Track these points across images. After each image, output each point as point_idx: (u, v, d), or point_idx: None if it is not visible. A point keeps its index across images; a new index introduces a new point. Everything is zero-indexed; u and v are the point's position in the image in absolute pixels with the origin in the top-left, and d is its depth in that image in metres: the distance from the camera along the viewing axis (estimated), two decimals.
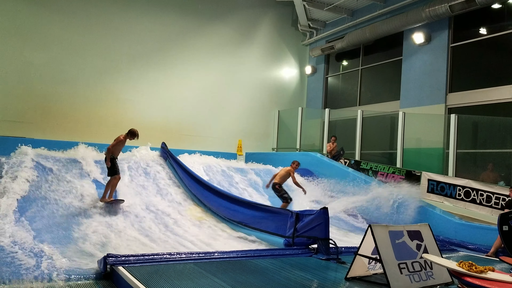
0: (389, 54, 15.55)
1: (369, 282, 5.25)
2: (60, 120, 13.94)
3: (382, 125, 14.87)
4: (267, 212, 8.30)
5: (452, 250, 8.35)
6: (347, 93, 17.41)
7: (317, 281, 5.35)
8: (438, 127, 12.58)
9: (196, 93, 16.39)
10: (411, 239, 5.38)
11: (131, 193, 9.66)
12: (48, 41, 13.94)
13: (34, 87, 13.68)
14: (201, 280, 4.97)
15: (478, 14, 12.48)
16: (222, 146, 16.28)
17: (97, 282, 5.20)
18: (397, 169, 12.29)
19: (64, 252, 6.28)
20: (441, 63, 13.33)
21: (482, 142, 12.14)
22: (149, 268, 5.36)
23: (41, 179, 9.19)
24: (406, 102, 14.20)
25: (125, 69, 15.17)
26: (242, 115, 17.34)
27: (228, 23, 17.16)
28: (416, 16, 13.47)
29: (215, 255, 6.22)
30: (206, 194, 9.83)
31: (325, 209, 7.13)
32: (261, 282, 5.04)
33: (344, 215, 10.95)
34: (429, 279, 5.17)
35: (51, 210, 8.20)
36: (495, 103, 11.96)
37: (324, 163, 13.18)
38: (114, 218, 8.33)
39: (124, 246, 6.88)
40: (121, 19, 15.15)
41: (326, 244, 6.84)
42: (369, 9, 15.70)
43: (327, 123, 15.63)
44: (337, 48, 16.80)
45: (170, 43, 16.01)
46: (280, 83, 18.46)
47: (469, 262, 5.27)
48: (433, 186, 11.18)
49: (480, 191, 10.18)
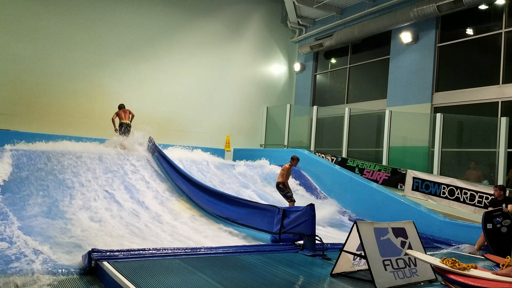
0: (377, 53, 15.65)
1: (354, 278, 5.29)
2: (46, 113, 13.75)
3: (369, 123, 14.96)
4: (254, 208, 8.30)
5: (436, 247, 8.47)
6: (335, 90, 17.49)
7: (302, 277, 5.38)
8: (424, 125, 12.72)
9: (184, 88, 16.31)
10: (396, 236, 5.44)
11: (117, 188, 9.60)
12: (35, 33, 13.73)
13: (20, 79, 13.47)
14: (187, 276, 4.97)
15: (466, 14, 12.62)
16: (210, 142, 16.24)
17: (81, 277, 5.14)
18: (383, 166, 12.40)
19: (47, 246, 6.19)
20: (428, 62, 13.46)
21: (467, 141, 12.31)
22: (135, 263, 5.33)
23: (24, 170, 9.08)
24: (393, 101, 14.32)
25: (113, 62, 15.02)
26: (230, 111, 17.31)
27: (218, 18, 17.08)
28: (404, 16, 13.57)
29: (202, 251, 6.21)
30: (192, 189, 9.80)
31: (311, 205, 7.17)
32: (247, 277, 5.05)
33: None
34: (413, 276, 5.23)
35: (34, 202, 8.10)
36: (480, 103, 12.13)
37: (311, 160, 13.25)
38: (100, 213, 8.27)
39: (109, 241, 6.83)
40: (110, 12, 14.98)
41: (312, 240, 6.88)
42: (358, 8, 15.77)
43: (315, 120, 15.69)
44: (325, 45, 16.86)
45: (159, 37, 15.89)
46: (269, 79, 18.46)
47: (452, 259, 5.36)
48: (418, 184, 11.30)
49: (464, 189, 10.33)
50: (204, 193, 9.45)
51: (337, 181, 12.09)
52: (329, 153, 14.15)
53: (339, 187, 11.93)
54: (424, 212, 9.77)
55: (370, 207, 10.89)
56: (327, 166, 12.74)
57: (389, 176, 12.06)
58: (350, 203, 11.43)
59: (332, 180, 12.27)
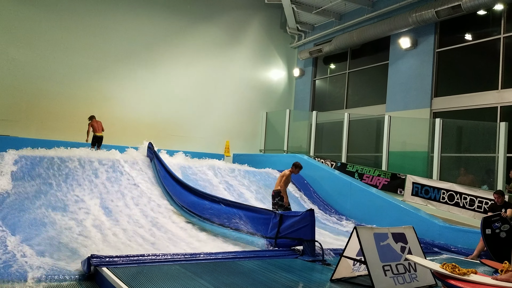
0: (376, 58, 15.70)
1: (354, 283, 5.28)
2: (45, 119, 13.75)
3: (368, 128, 14.98)
4: (250, 211, 8.17)
5: (435, 252, 8.45)
6: (334, 96, 17.52)
7: (302, 282, 5.36)
8: (423, 131, 12.73)
9: (183, 93, 16.34)
10: (396, 241, 5.43)
11: (114, 194, 9.58)
12: (34, 38, 13.76)
13: (19, 85, 13.49)
14: (186, 282, 4.95)
15: (464, 20, 12.67)
16: (209, 147, 16.25)
17: (80, 283, 5.13)
18: (383, 171, 12.40)
19: (46, 252, 6.17)
20: (427, 67, 13.50)
21: (466, 146, 12.32)
22: (134, 269, 5.32)
23: (23, 176, 9.07)
24: (392, 106, 14.34)
25: (112, 67, 15.04)
26: (229, 116, 17.32)
27: (217, 24, 17.14)
28: (403, 21, 13.62)
29: (201, 256, 6.20)
30: (187, 196, 9.55)
31: (311, 211, 7.15)
32: (246, 283, 5.03)
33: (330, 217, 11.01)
34: (413, 281, 5.22)
35: (32, 208, 8.08)
36: (480, 108, 12.15)
37: (311, 165, 13.23)
38: (98, 219, 8.24)
39: (109, 247, 6.81)
40: (109, 17, 15.03)
41: (312, 246, 6.86)
42: (357, 13, 15.84)
43: (315, 126, 15.71)
44: (325, 51, 16.91)
45: (158, 42, 15.93)
46: (268, 85, 18.49)
47: (452, 264, 5.34)
48: (417, 189, 11.30)
49: (463, 194, 10.32)
50: (200, 198, 9.16)
51: (337, 186, 12.07)
52: (329, 158, 14.15)
53: (338, 192, 11.91)
54: (423, 217, 9.76)
55: (369, 212, 10.87)
56: (327, 171, 12.73)
57: (389, 181, 12.05)
58: (350, 208, 11.42)
59: (332, 185, 12.26)
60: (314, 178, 12.78)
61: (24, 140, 11.73)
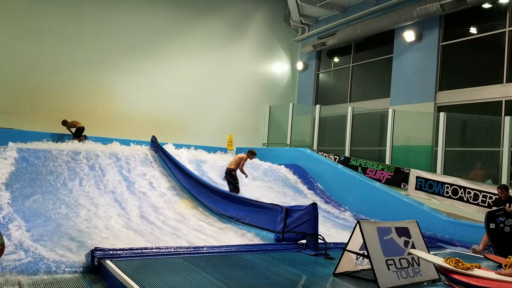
0: (380, 52, 15.60)
1: (357, 278, 5.28)
2: (49, 112, 13.78)
3: (372, 122, 14.93)
4: (257, 207, 8.29)
5: (439, 247, 8.44)
6: (338, 89, 17.45)
7: (305, 276, 5.37)
8: (427, 125, 12.68)
9: (187, 86, 16.32)
10: (399, 235, 5.42)
11: (120, 186, 9.61)
12: (39, 32, 13.77)
13: (23, 78, 13.51)
14: (190, 275, 4.96)
15: (469, 13, 12.57)
16: (212, 141, 16.24)
17: (84, 275, 5.15)
18: (386, 166, 12.37)
19: (50, 244, 6.21)
20: (431, 61, 13.41)
21: (470, 141, 12.26)
22: (137, 262, 5.33)
23: (25, 169, 9.11)
24: (396, 100, 14.28)
25: (115, 61, 15.03)
26: (232, 109, 17.30)
27: (221, 17, 17.07)
28: (408, 14, 13.52)
29: (204, 250, 6.21)
30: (196, 188, 9.79)
31: (314, 204, 7.15)
32: (249, 277, 5.04)
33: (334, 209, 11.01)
34: (416, 276, 5.21)
35: (37, 200, 8.12)
36: (484, 102, 12.08)
37: (313, 159, 13.23)
38: (102, 211, 8.28)
39: (112, 240, 6.83)
40: (113, 10, 15.00)
41: (315, 240, 6.86)
42: (361, 6, 15.73)
43: (318, 119, 15.67)
44: (328, 44, 16.83)
45: (162, 35, 15.90)
46: (272, 78, 18.44)
47: (456, 258, 5.34)
48: (421, 183, 11.27)
49: (467, 189, 10.29)
50: (209, 191, 9.46)
51: (340, 180, 12.06)
52: (332, 152, 14.13)
53: (341, 186, 11.90)
54: (427, 212, 9.74)
55: (373, 207, 10.86)
56: (330, 165, 12.71)
57: (392, 175, 12.03)
58: (353, 202, 11.41)
59: (335, 179, 12.24)
60: (317, 172, 12.77)
61: (28, 133, 11.76)
